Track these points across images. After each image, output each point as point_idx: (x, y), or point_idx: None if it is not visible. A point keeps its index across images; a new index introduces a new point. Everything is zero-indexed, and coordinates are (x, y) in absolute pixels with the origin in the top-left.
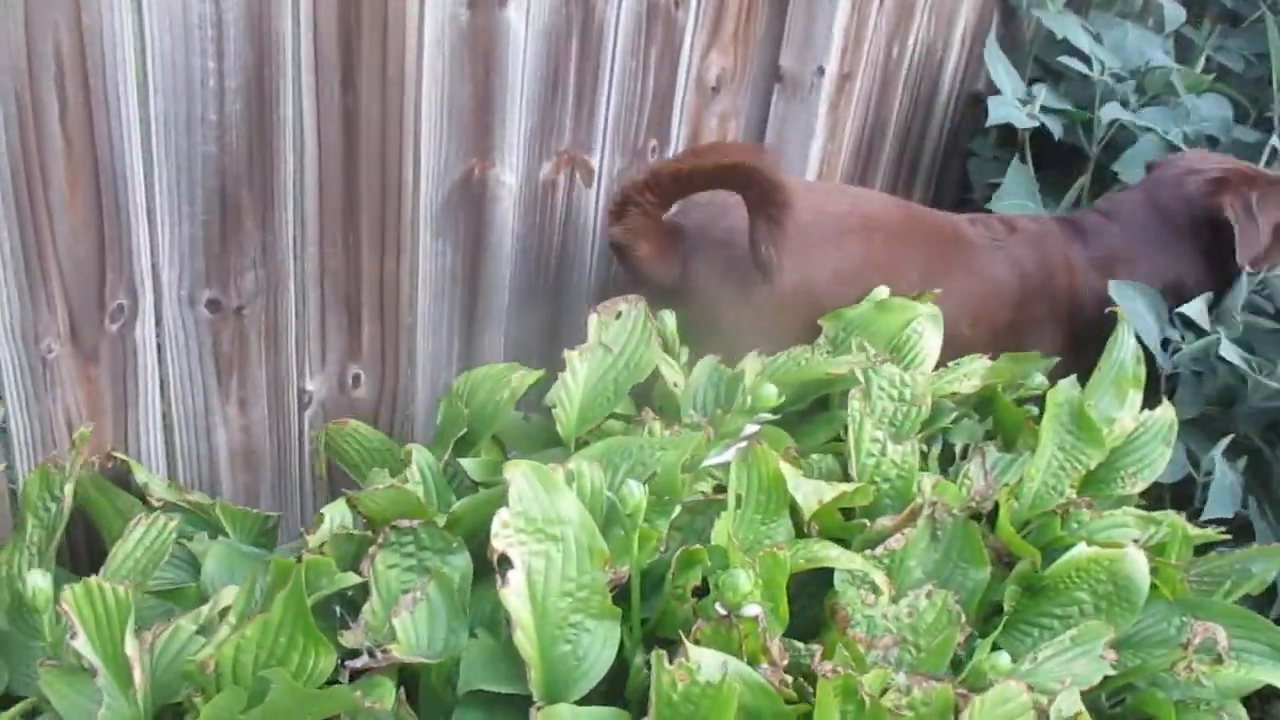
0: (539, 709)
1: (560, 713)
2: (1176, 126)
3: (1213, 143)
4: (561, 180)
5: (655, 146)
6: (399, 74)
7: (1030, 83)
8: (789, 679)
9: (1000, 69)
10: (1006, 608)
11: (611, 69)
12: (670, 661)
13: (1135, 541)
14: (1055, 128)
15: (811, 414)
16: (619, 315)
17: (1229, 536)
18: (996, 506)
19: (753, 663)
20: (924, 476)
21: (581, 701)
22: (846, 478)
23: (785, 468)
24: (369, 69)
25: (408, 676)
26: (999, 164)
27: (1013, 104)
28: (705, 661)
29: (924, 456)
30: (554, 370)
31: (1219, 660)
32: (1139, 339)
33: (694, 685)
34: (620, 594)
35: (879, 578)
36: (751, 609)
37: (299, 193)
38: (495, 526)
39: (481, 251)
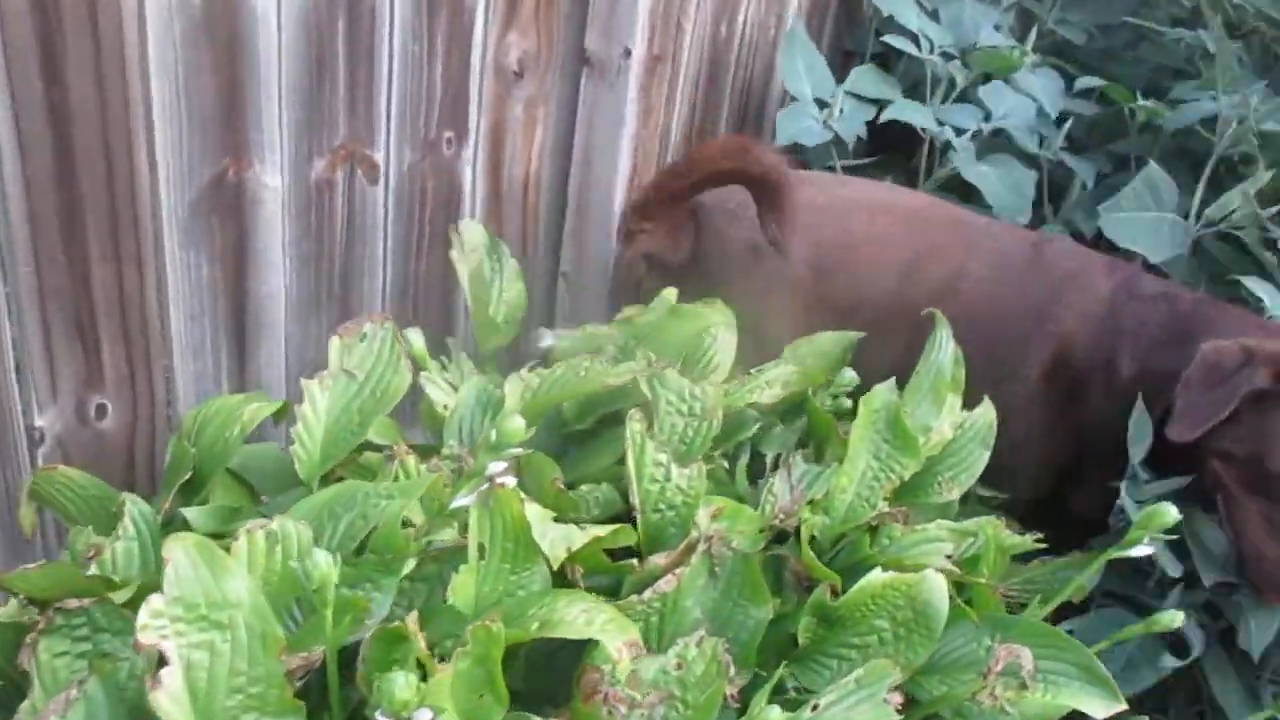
0: None
1: None
2: (974, 123)
3: (1043, 117)
4: (340, 178)
5: (451, 138)
6: (118, 65)
7: (871, 59)
8: None
9: (799, 67)
10: (801, 641)
11: (390, 55)
12: None
13: (948, 557)
14: (853, 130)
15: (601, 431)
16: (363, 337)
17: (1045, 545)
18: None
19: None
20: (701, 508)
21: None
22: (628, 508)
23: (534, 511)
24: (77, 59)
25: None
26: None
27: (808, 115)
28: None
29: (730, 472)
30: None
31: (1024, 686)
32: None
33: None
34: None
35: (621, 643)
36: (422, 715)
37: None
38: (144, 617)
39: (246, 261)
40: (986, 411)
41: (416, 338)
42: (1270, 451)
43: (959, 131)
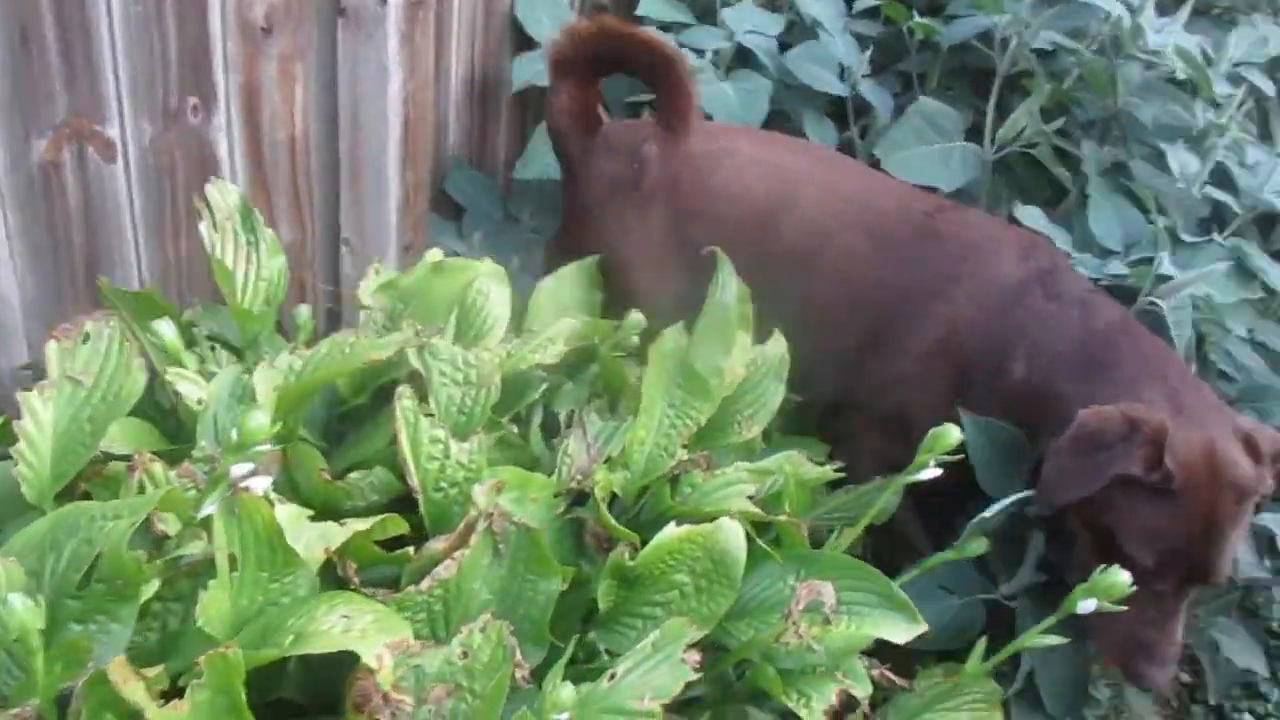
0: None
1: None
2: (715, 42)
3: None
4: (68, 159)
5: (197, 104)
6: None
7: None
8: None
9: (539, 12)
10: (603, 605)
11: (109, 18)
12: None
13: (750, 498)
14: None
15: (378, 408)
16: (86, 338)
17: (844, 474)
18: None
19: None
20: (479, 485)
21: None
22: (407, 491)
23: (286, 512)
24: None
25: None
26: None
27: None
28: None
29: (523, 436)
30: None
31: (826, 621)
32: None
33: None
34: None
35: (383, 647)
36: None
37: None
38: None
39: None
40: (777, 345)
41: (167, 329)
42: (1125, 536)
43: (699, 52)
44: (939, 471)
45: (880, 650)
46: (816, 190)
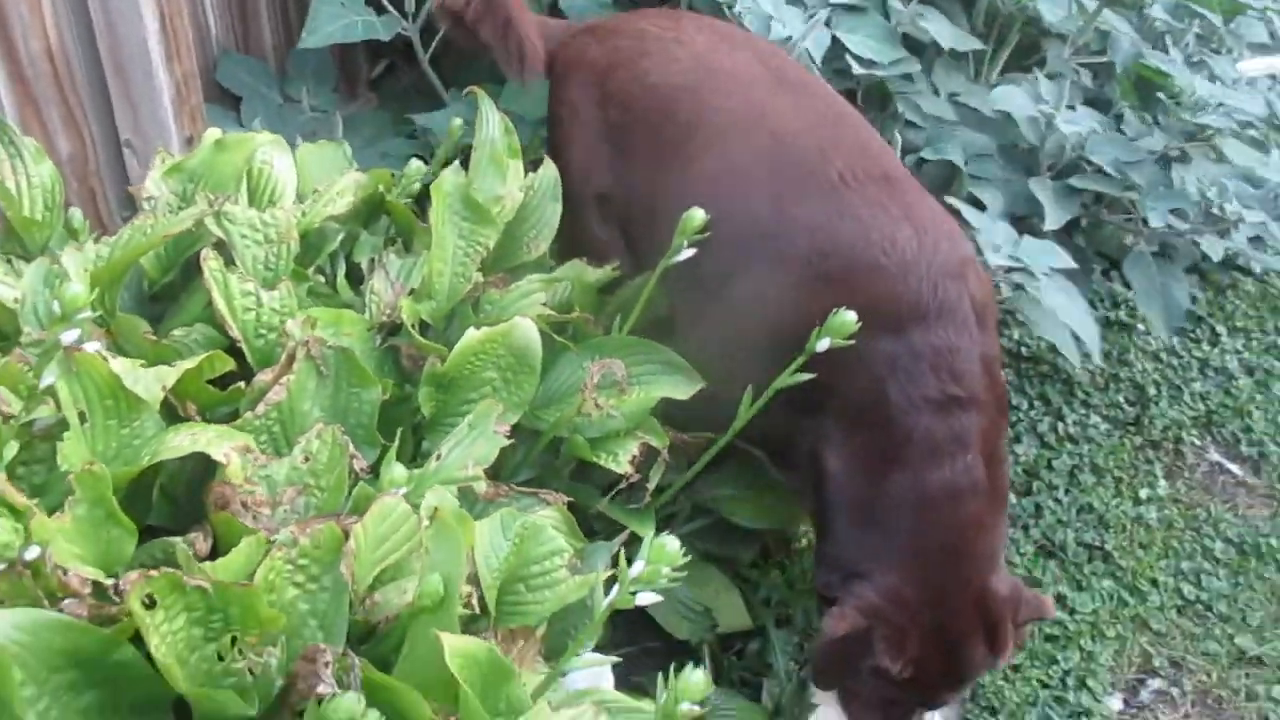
0: None
1: None
2: None
3: None
4: None
5: None
6: None
7: None
8: (111, 591)
9: None
10: (426, 412)
11: None
12: None
13: (544, 305)
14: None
15: (190, 280)
16: None
17: (620, 273)
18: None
19: (58, 600)
20: (290, 320)
21: None
22: (230, 343)
23: (120, 364)
24: None
25: None
26: None
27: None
28: None
29: (331, 284)
30: None
31: (621, 390)
32: None
33: None
34: None
35: (229, 448)
36: (31, 551)
37: None
38: None
39: None
40: (548, 170)
41: None
42: (865, 698)
43: None
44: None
45: None
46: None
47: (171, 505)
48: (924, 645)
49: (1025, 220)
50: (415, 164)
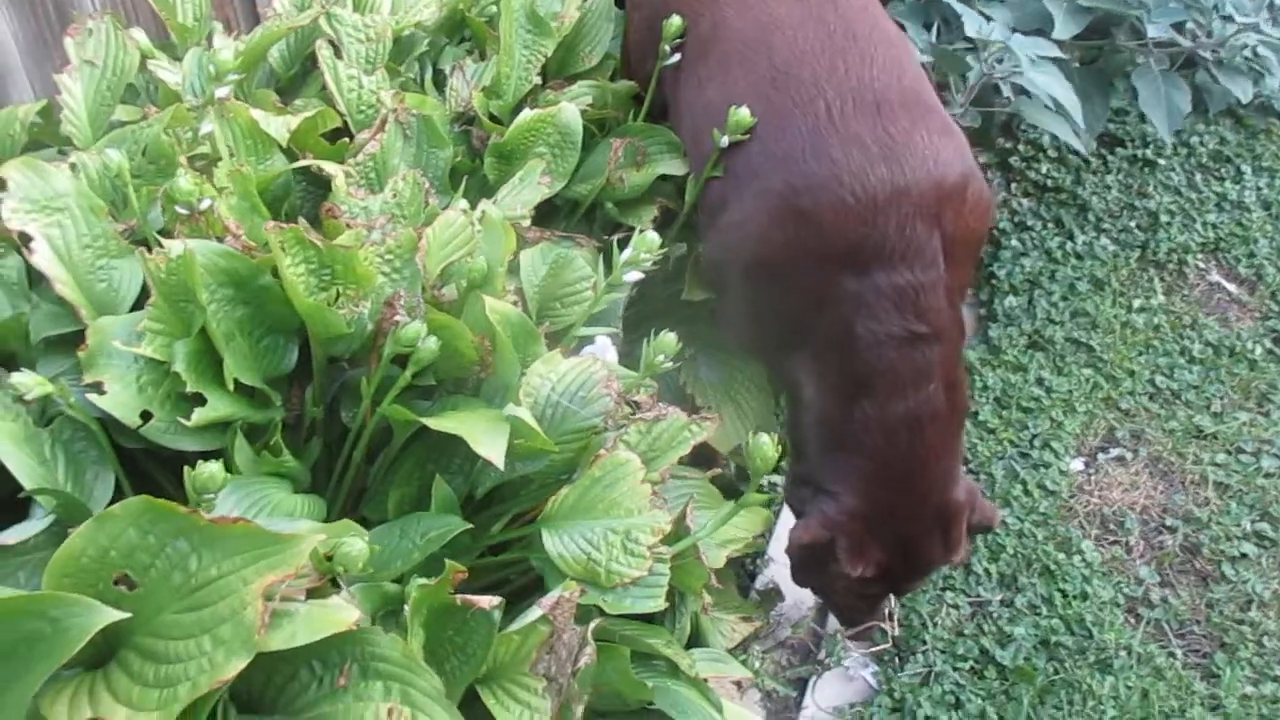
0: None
1: (104, 324)
2: None
3: None
4: None
5: None
6: None
7: None
8: (256, 245)
9: None
10: (490, 177)
11: None
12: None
13: (590, 105)
14: None
15: (305, 74)
16: (90, 33)
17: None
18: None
19: (220, 239)
20: (383, 93)
21: None
22: (339, 114)
23: (258, 112)
24: None
25: None
26: None
27: None
28: (172, 247)
29: (420, 84)
30: None
31: (637, 165)
32: None
33: (170, 263)
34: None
35: (338, 170)
36: (204, 203)
37: None
38: (4, 214)
39: None
40: None
41: (140, 35)
42: (836, 592)
43: None
44: None
45: None
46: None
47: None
48: (883, 551)
49: (1039, 34)
50: None
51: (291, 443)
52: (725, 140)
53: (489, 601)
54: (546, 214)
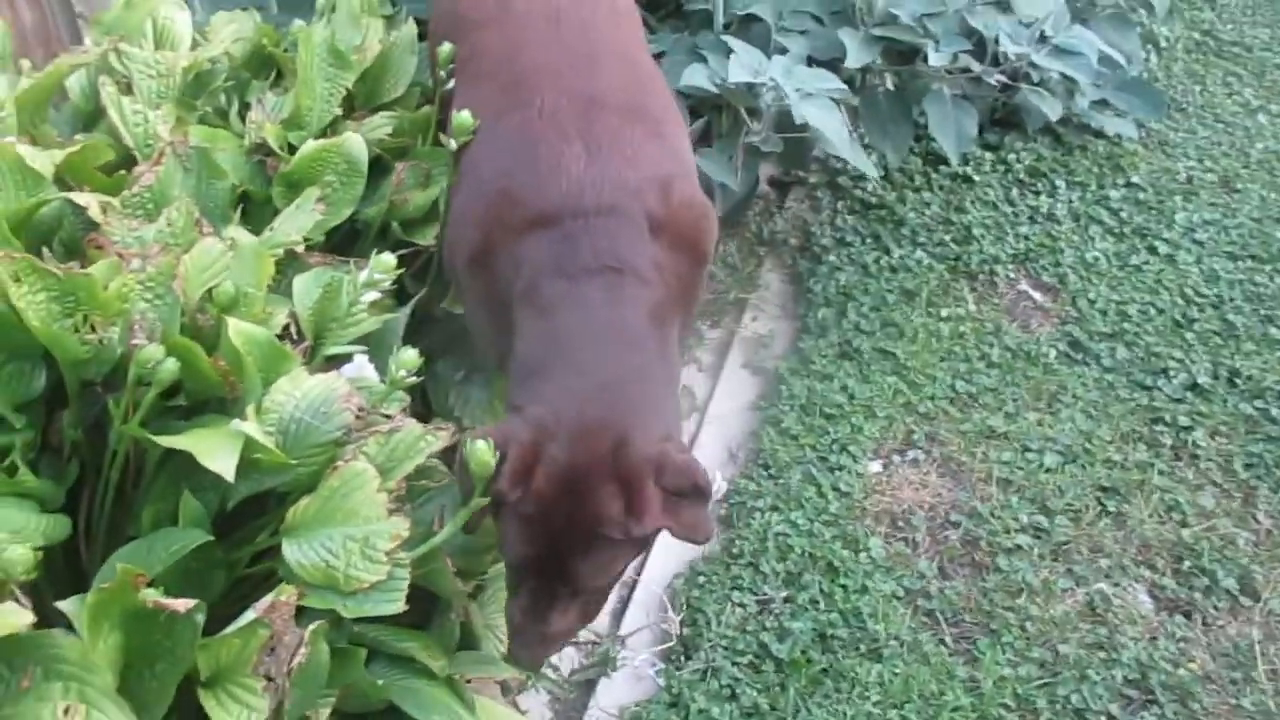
0: None
1: None
2: None
3: None
4: None
5: None
6: None
7: None
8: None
9: None
10: (279, 204)
11: None
12: None
13: (388, 135)
14: None
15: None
16: None
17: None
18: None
19: None
20: (160, 126)
21: None
22: (125, 150)
23: (24, 149)
24: None
25: None
26: None
27: None
28: None
29: (225, 117)
30: None
31: (423, 186)
32: None
33: None
34: None
35: (92, 201)
36: None
37: None
38: None
39: None
40: (408, 28)
41: None
42: (500, 536)
43: None
44: None
45: None
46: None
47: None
48: (548, 482)
49: (834, 64)
50: (298, 22)
51: (52, 465)
52: (452, 143)
53: (184, 605)
54: (350, 238)
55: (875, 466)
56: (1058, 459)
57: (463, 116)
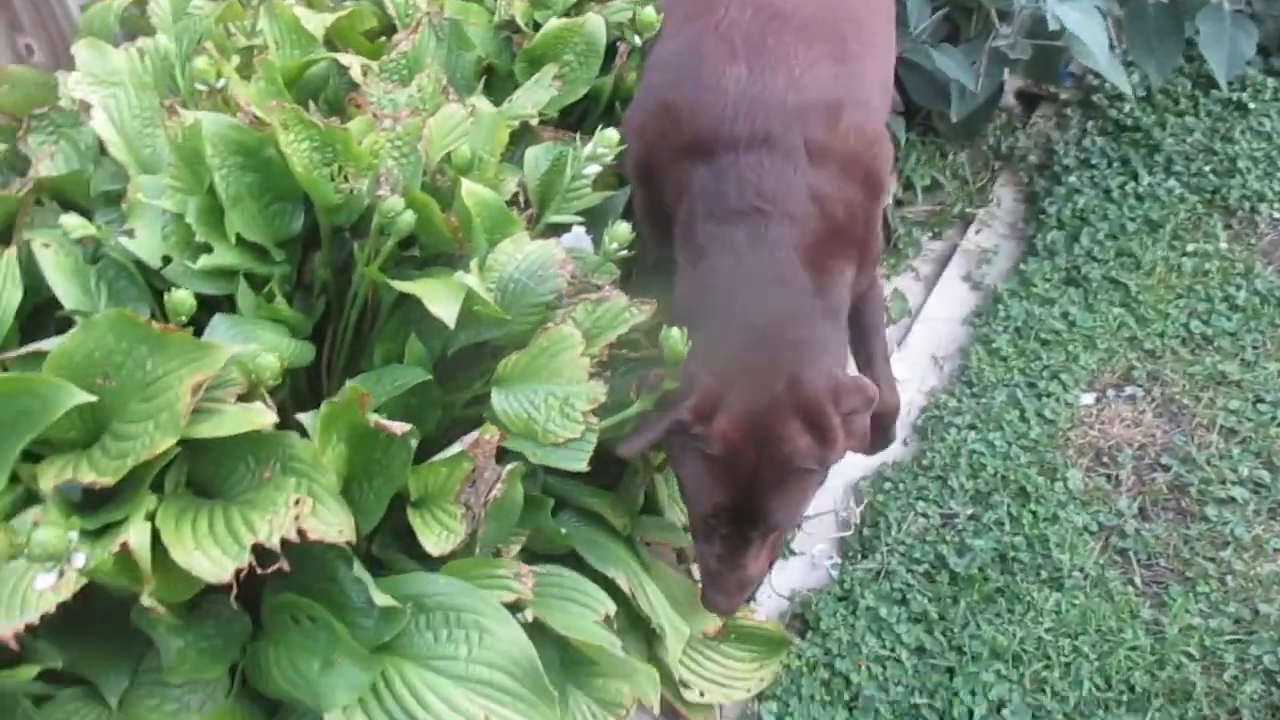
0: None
1: (142, 181)
2: None
3: None
4: None
5: None
6: None
7: None
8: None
9: None
10: (520, 79)
11: None
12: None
13: (627, 15)
14: None
15: None
16: None
17: None
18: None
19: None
20: None
21: None
22: (387, 18)
23: (300, 10)
24: None
25: None
26: None
27: None
28: (186, 117)
29: None
30: None
31: None
32: None
33: (185, 130)
34: None
35: (355, 62)
36: (220, 82)
37: None
38: (71, 83)
39: None
40: None
41: None
42: (683, 483)
43: None
44: None
45: None
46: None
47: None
48: (733, 426)
49: None
50: None
51: (303, 300)
52: (637, 39)
53: (400, 428)
54: (581, 116)
55: (1087, 399)
56: None
57: (647, 12)
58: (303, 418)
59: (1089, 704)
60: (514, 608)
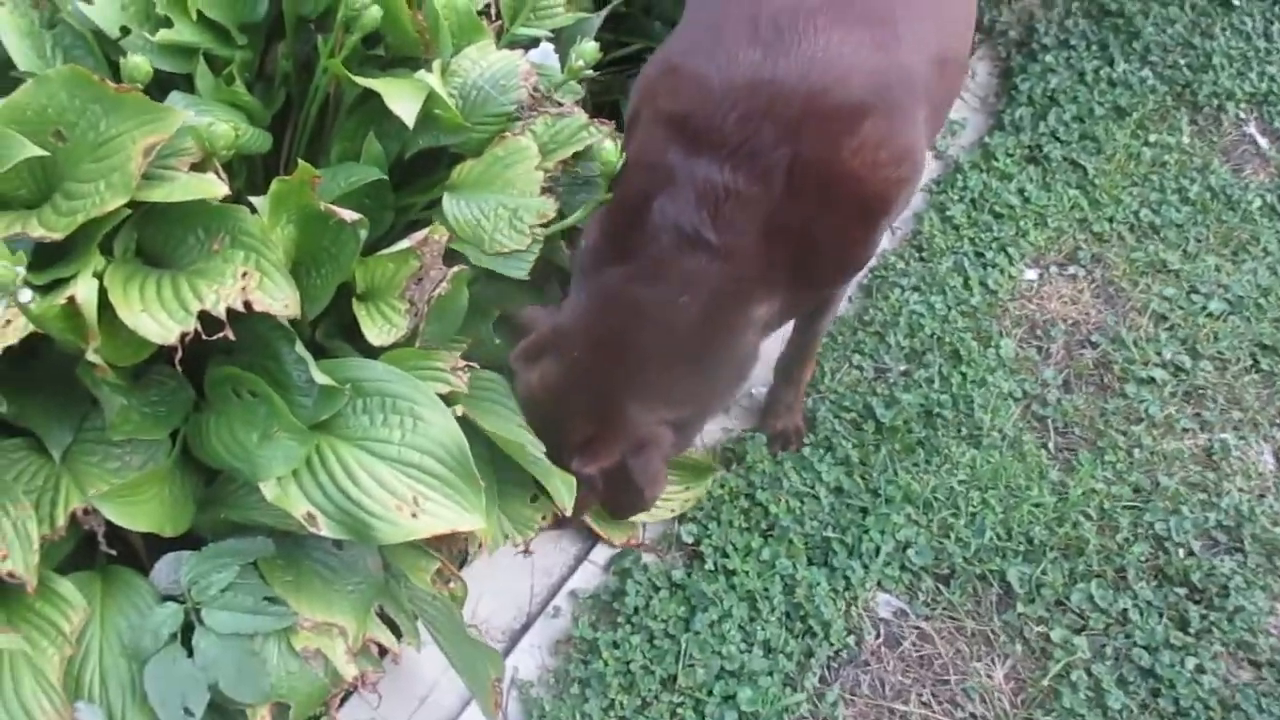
0: None
1: None
2: None
3: None
4: None
5: None
6: None
7: None
8: None
9: None
10: None
11: None
12: None
13: None
14: None
15: None
16: None
17: None
18: None
19: None
20: None
21: None
22: None
23: None
24: None
25: None
26: None
27: None
28: None
29: None
30: None
31: None
32: None
33: None
34: None
35: None
36: None
37: None
38: None
39: None
40: None
41: None
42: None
43: None
44: None
45: None
46: None
47: None
48: (542, 380)
49: None
50: None
51: (265, 91)
52: None
53: (350, 215)
54: None
55: (1030, 274)
56: (1223, 307)
57: None
58: (254, 200)
59: (988, 551)
60: (447, 402)
